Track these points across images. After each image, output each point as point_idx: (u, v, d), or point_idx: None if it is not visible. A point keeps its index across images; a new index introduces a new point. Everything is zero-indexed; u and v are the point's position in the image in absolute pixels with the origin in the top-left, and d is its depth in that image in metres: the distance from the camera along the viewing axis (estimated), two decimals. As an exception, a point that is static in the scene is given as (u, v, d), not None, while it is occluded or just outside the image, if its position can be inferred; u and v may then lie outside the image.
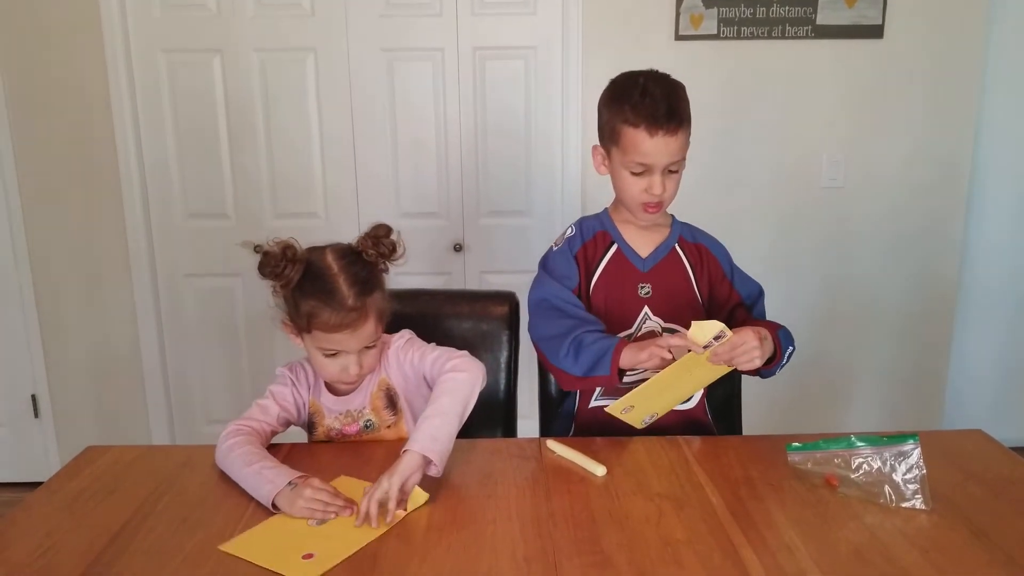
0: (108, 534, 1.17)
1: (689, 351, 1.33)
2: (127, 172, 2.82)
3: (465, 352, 1.44)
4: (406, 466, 1.23)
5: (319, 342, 1.38)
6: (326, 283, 1.35)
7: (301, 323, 1.38)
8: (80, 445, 1.51)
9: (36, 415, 2.86)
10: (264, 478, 1.26)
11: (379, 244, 1.41)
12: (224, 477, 1.34)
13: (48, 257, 2.77)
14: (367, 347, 1.41)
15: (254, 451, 1.34)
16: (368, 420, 1.51)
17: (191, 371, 3.06)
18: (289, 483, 1.24)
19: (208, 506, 1.26)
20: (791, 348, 1.48)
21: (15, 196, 2.68)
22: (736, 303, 1.60)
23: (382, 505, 1.19)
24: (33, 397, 2.85)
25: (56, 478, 1.36)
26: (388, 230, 1.42)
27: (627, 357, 1.41)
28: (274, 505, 1.23)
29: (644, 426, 1.51)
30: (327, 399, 1.51)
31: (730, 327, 1.57)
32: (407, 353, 1.49)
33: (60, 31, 2.69)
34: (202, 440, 3.04)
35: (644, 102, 1.43)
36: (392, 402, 1.52)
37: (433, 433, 1.28)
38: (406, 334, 1.53)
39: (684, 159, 1.49)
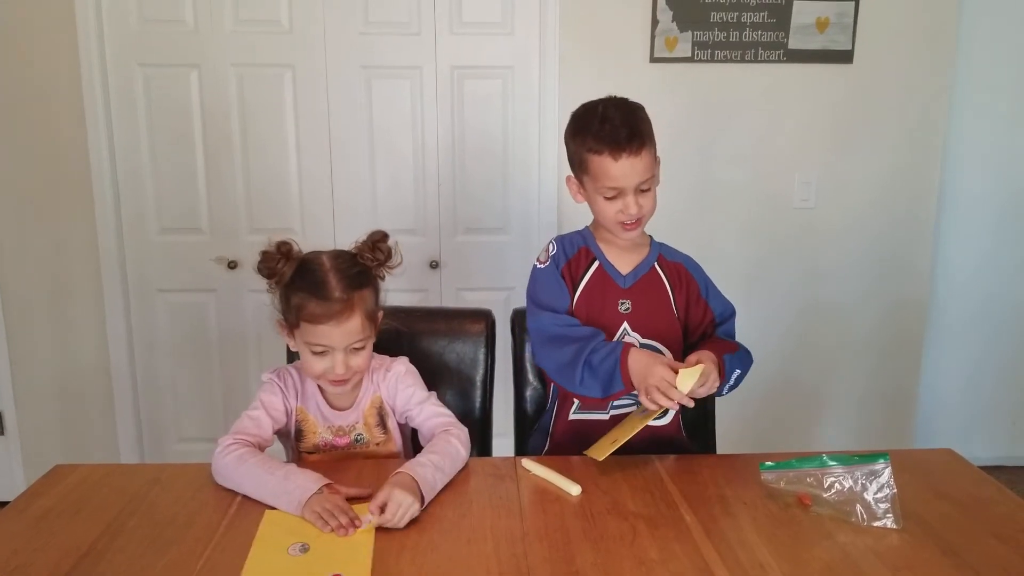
0: (76, 554, 1.15)
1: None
2: (100, 186, 2.79)
3: (457, 421, 1.49)
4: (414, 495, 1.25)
5: (307, 336, 1.39)
6: (316, 276, 1.40)
7: (291, 318, 1.41)
8: (47, 463, 1.48)
9: (2, 432, 2.80)
10: (294, 483, 1.28)
11: (376, 249, 1.45)
12: (196, 495, 1.33)
13: (17, 271, 2.73)
14: (355, 348, 1.41)
15: (270, 459, 1.36)
16: (359, 435, 1.52)
17: (162, 388, 3.02)
18: (319, 489, 1.27)
19: (178, 525, 1.24)
20: (737, 371, 1.52)
21: (-16, 209, 2.64)
22: (709, 320, 1.64)
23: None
24: (-1, 414, 2.80)
25: (23, 497, 1.34)
26: (385, 236, 1.47)
27: (636, 374, 1.43)
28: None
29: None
30: (324, 410, 1.51)
31: (700, 346, 1.61)
32: (405, 384, 1.52)
33: (35, 43, 2.66)
34: (172, 459, 3.00)
35: (604, 128, 1.47)
36: (383, 421, 1.53)
37: (434, 485, 1.31)
38: (405, 361, 1.56)
39: (654, 176, 1.52)
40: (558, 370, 1.53)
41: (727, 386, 1.51)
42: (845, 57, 2.80)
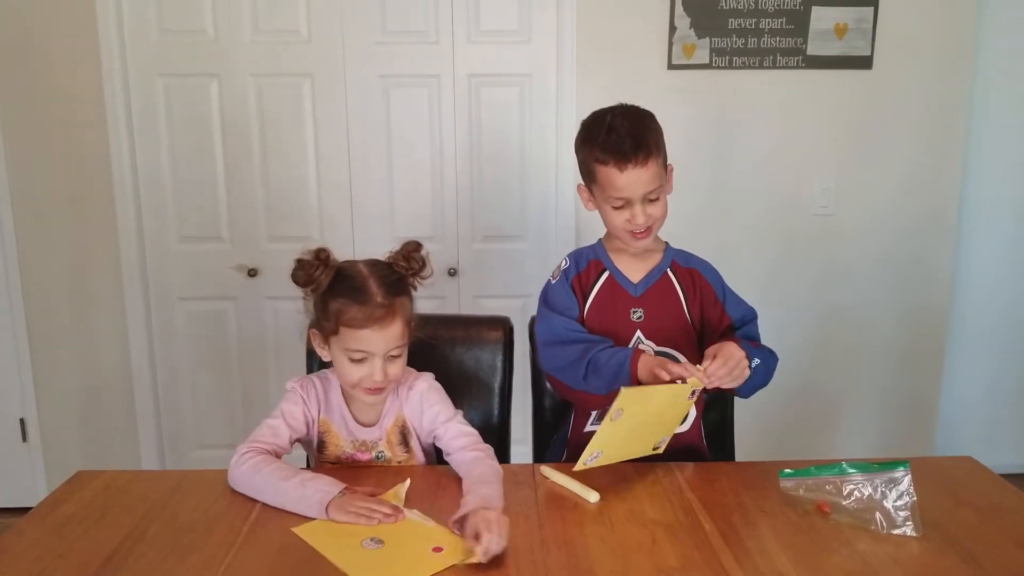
0: (99, 560, 1.16)
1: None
2: (122, 195, 2.82)
3: (480, 440, 1.46)
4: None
5: (346, 342, 1.39)
6: (356, 282, 1.40)
7: (329, 325, 1.40)
8: (68, 470, 1.50)
9: (24, 439, 2.84)
10: (312, 487, 1.29)
11: (410, 259, 1.47)
12: (217, 501, 1.34)
13: (40, 279, 2.77)
14: (392, 356, 1.41)
15: (286, 466, 1.37)
16: (380, 452, 1.52)
17: (182, 396, 3.04)
18: (340, 491, 1.28)
19: (199, 531, 1.25)
20: (756, 360, 1.47)
21: (8, 217, 2.68)
22: (727, 326, 1.62)
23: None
24: (21, 421, 2.83)
25: (46, 503, 1.35)
26: (418, 246, 1.49)
27: (643, 370, 1.43)
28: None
29: (584, 467, 1.40)
30: (349, 423, 1.51)
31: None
32: (431, 403, 1.50)
33: (58, 54, 2.70)
34: (192, 465, 3.03)
35: (610, 139, 1.47)
36: (405, 440, 1.53)
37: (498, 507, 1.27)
38: (429, 378, 1.55)
39: (663, 185, 1.52)
40: (560, 370, 1.53)
41: (751, 383, 1.47)
42: (864, 63, 2.79)
